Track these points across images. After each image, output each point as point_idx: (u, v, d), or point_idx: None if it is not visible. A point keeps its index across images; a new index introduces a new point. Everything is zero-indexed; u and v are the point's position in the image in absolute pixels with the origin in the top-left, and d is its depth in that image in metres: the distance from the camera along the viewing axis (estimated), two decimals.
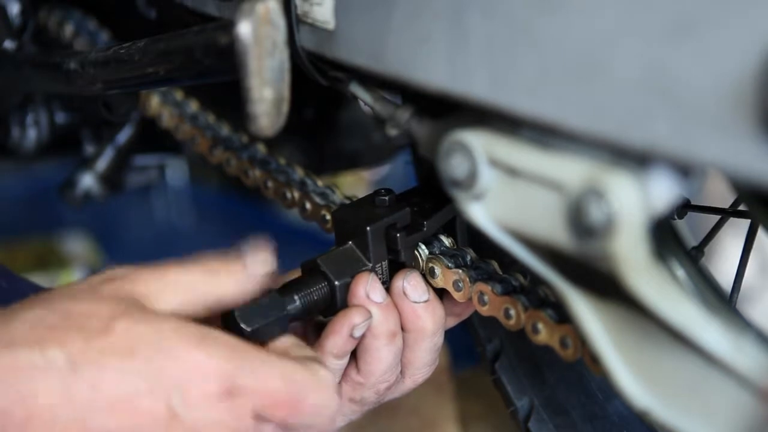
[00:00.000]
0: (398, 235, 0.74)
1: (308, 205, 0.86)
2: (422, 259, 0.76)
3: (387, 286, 0.74)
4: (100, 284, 0.62)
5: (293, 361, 0.63)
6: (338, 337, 0.70)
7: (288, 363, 0.63)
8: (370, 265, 0.73)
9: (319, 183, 0.88)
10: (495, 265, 0.74)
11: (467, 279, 0.73)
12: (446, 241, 0.77)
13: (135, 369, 0.58)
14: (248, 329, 0.66)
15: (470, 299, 0.73)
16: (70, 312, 0.59)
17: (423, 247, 0.76)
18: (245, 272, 0.65)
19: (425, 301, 0.73)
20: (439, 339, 0.75)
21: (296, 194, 0.87)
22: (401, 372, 0.76)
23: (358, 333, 0.70)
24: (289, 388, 0.61)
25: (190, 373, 0.59)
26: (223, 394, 0.59)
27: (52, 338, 0.57)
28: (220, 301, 0.64)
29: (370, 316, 0.71)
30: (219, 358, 0.60)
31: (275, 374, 0.61)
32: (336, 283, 0.72)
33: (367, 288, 0.71)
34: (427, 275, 0.75)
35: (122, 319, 0.59)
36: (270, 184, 0.89)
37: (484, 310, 0.72)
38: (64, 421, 0.57)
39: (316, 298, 0.71)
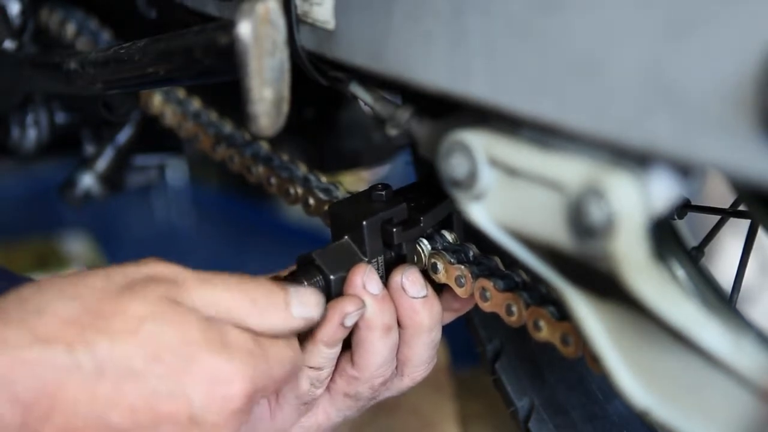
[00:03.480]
0: (394, 229, 0.74)
1: (311, 201, 0.86)
2: (424, 255, 0.76)
3: (383, 281, 0.74)
4: (140, 283, 0.62)
5: (280, 342, 0.65)
6: (329, 326, 0.70)
7: (281, 348, 0.65)
8: (366, 259, 0.73)
9: (323, 179, 0.88)
10: (497, 260, 0.74)
11: (469, 275, 0.73)
12: (449, 236, 0.77)
13: (158, 374, 0.59)
14: None
15: (472, 295, 0.73)
16: (102, 311, 0.60)
17: (425, 242, 0.76)
18: (284, 312, 0.66)
19: (423, 297, 0.73)
20: (437, 335, 0.75)
21: (300, 190, 0.87)
22: (400, 370, 0.76)
23: (349, 322, 0.70)
24: (287, 373, 0.65)
25: (213, 380, 0.60)
26: (242, 401, 0.61)
27: (81, 340, 0.58)
28: (248, 328, 0.64)
29: (363, 305, 0.71)
30: (243, 367, 0.61)
31: (281, 367, 0.64)
32: (331, 277, 0.71)
33: (364, 279, 0.71)
34: (430, 271, 0.75)
35: (150, 321, 0.60)
36: (273, 180, 0.89)
37: (486, 306, 0.72)
38: (85, 418, 0.58)
39: None
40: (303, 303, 0.66)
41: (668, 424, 0.59)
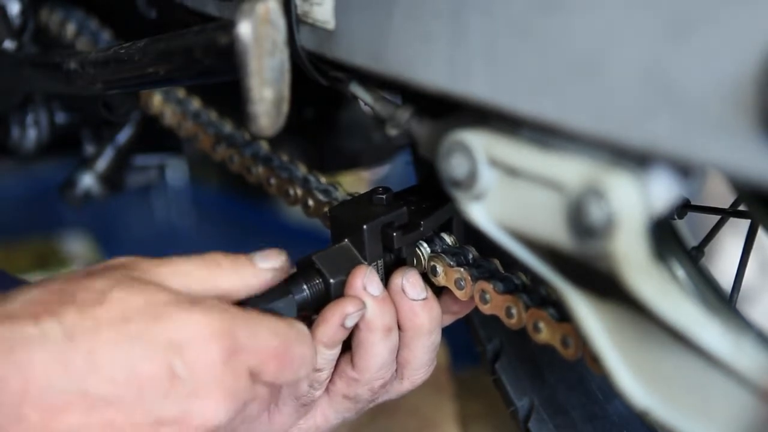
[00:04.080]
0: (395, 234, 0.74)
1: (311, 202, 0.86)
2: (424, 258, 0.76)
3: (383, 284, 0.74)
4: (102, 268, 0.63)
5: (276, 317, 0.65)
6: (329, 326, 0.70)
7: (273, 319, 0.64)
8: (366, 263, 0.73)
9: (322, 180, 0.88)
10: (497, 263, 0.74)
11: (469, 277, 0.73)
12: (448, 239, 0.77)
13: (131, 335, 0.58)
14: None
15: (472, 297, 0.73)
16: (65, 289, 0.60)
17: (425, 245, 0.76)
18: (250, 266, 0.66)
19: (423, 299, 0.73)
20: (436, 338, 0.75)
21: (299, 191, 0.87)
22: (400, 373, 0.76)
23: (350, 323, 0.70)
24: (279, 342, 0.63)
25: (189, 335, 0.59)
26: (224, 353, 0.60)
27: (46, 311, 0.58)
28: (220, 291, 0.64)
29: (363, 306, 0.71)
30: (217, 319, 0.60)
31: (267, 330, 0.63)
32: (331, 280, 0.71)
33: (365, 280, 0.71)
34: (429, 273, 0.75)
35: (115, 290, 0.59)
36: (273, 181, 0.89)
37: (486, 309, 0.72)
38: (62, 391, 0.56)
39: (310, 294, 0.71)
40: (265, 256, 0.67)
41: (668, 424, 0.59)
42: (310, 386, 0.73)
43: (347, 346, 0.73)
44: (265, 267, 0.67)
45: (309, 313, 0.73)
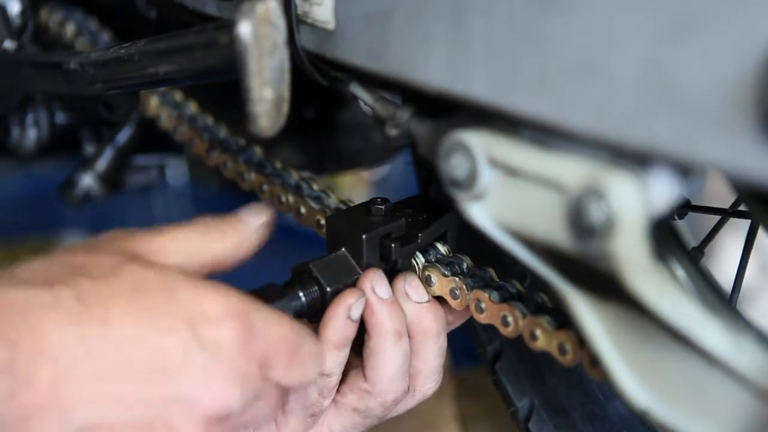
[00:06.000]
0: (393, 245, 0.74)
1: (303, 210, 0.86)
2: (418, 267, 0.76)
3: None
4: (100, 243, 0.61)
5: (285, 314, 0.64)
6: (336, 321, 0.70)
7: (283, 314, 0.62)
8: (363, 272, 0.73)
9: (315, 187, 0.88)
10: (491, 272, 0.74)
11: (464, 286, 0.73)
12: (442, 249, 0.77)
13: (146, 307, 0.56)
14: None
15: (467, 307, 0.73)
16: (74, 263, 0.58)
17: (419, 255, 0.76)
18: (241, 225, 0.65)
19: (427, 302, 0.74)
20: (443, 343, 0.75)
21: (291, 198, 0.87)
22: (411, 385, 0.75)
23: (355, 313, 0.70)
24: (290, 335, 0.61)
25: (206, 312, 0.57)
26: (239, 334, 0.57)
27: (60, 280, 0.56)
28: (216, 257, 0.63)
29: (363, 295, 0.71)
30: (233, 300, 0.58)
31: (280, 322, 0.61)
32: (328, 289, 0.71)
33: (373, 283, 0.71)
34: (424, 283, 0.75)
35: (128, 265, 0.58)
36: (266, 188, 0.89)
37: (482, 318, 0.72)
38: (74, 357, 0.54)
39: (306, 302, 0.71)
40: (253, 212, 0.66)
41: (668, 424, 0.59)
42: (319, 394, 0.72)
43: (359, 359, 0.73)
44: (256, 223, 0.65)
45: (303, 321, 0.73)
